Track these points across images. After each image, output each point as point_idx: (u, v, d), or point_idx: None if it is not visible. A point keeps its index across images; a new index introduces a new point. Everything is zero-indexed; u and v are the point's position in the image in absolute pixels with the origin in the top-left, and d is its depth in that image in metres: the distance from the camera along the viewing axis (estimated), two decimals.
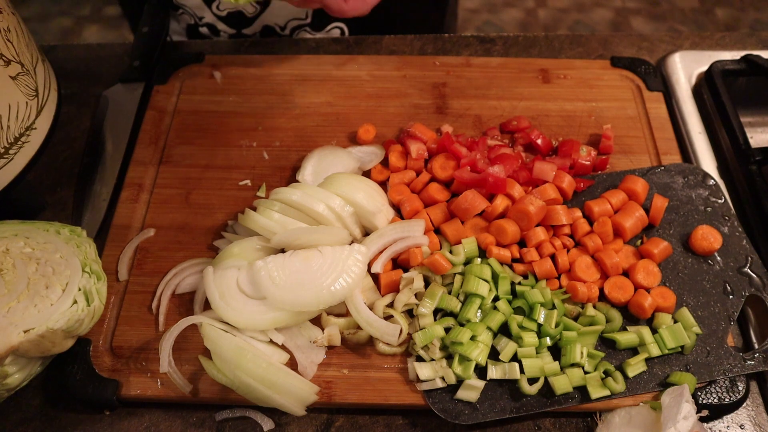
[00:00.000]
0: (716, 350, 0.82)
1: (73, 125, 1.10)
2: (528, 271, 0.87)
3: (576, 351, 0.78)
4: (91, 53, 1.21)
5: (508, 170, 0.92)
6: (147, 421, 0.80)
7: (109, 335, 0.85)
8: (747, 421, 0.80)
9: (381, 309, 0.83)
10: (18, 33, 0.86)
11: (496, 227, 0.88)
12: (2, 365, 0.73)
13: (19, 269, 0.78)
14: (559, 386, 0.77)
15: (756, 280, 0.88)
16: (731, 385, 0.80)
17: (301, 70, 1.14)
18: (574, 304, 0.85)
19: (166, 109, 1.09)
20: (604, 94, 1.11)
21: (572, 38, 1.22)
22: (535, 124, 1.06)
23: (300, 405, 0.77)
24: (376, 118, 1.07)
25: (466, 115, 1.08)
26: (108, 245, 0.93)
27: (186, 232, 0.94)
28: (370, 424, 0.80)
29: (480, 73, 1.14)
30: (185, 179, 1.00)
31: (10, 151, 0.84)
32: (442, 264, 0.84)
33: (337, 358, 0.82)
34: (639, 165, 1.01)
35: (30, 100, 0.86)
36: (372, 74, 1.13)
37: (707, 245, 0.89)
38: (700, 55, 1.16)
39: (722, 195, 0.96)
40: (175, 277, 0.89)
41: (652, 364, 0.81)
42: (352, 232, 0.90)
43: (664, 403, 0.74)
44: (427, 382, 0.79)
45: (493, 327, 0.81)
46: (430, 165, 0.96)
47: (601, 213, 0.91)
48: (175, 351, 0.81)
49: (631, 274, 0.86)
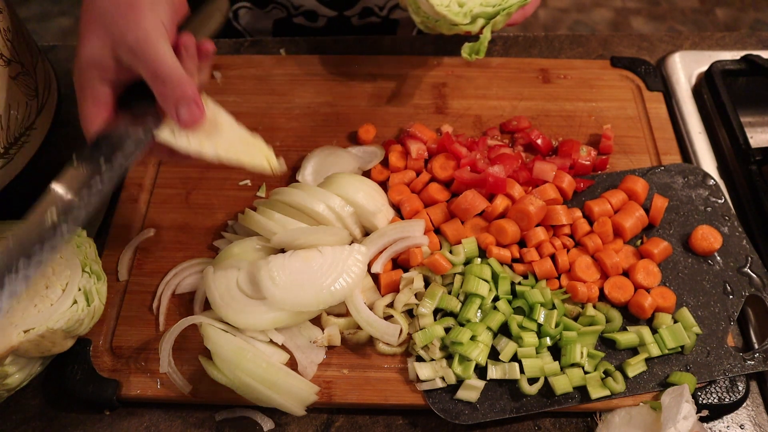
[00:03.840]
0: (716, 350, 0.82)
1: (73, 125, 1.10)
2: (528, 271, 0.87)
3: (576, 351, 0.78)
4: None
5: (508, 170, 0.92)
6: (147, 421, 0.80)
7: (109, 335, 0.85)
8: (747, 421, 0.80)
9: (381, 309, 0.83)
10: (18, 33, 0.86)
11: (496, 227, 0.88)
12: (2, 365, 0.73)
13: None
14: (559, 386, 0.77)
15: (756, 280, 0.88)
16: (731, 385, 0.80)
17: (301, 70, 1.14)
18: (574, 304, 0.85)
19: None
20: (604, 94, 1.11)
21: (572, 38, 1.22)
22: (535, 124, 1.06)
23: (300, 405, 0.77)
24: (376, 118, 1.07)
25: (466, 115, 1.08)
26: (108, 245, 0.93)
27: (186, 232, 0.94)
28: (370, 424, 0.80)
29: (480, 73, 1.14)
30: (185, 179, 1.00)
31: (10, 151, 0.84)
32: (442, 264, 0.84)
33: (337, 358, 0.82)
34: (639, 165, 1.01)
35: (30, 100, 0.86)
36: (372, 74, 1.13)
37: (707, 245, 0.89)
38: (700, 55, 1.16)
39: (722, 195, 0.96)
40: (175, 277, 0.89)
41: (652, 364, 0.81)
42: (352, 232, 0.90)
43: (664, 403, 0.74)
44: (427, 382, 0.79)
45: (493, 327, 0.81)
46: (430, 165, 0.96)
47: (601, 213, 0.91)
48: (175, 351, 0.81)
49: (631, 274, 0.86)
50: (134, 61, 0.66)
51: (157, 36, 0.66)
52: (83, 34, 0.68)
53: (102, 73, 0.68)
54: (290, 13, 1.26)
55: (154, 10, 0.67)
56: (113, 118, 0.70)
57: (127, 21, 0.66)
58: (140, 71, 0.66)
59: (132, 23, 0.65)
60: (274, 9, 1.25)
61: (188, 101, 0.67)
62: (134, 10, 0.66)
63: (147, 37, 0.65)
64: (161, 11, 0.68)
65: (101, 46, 0.67)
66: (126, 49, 0.66)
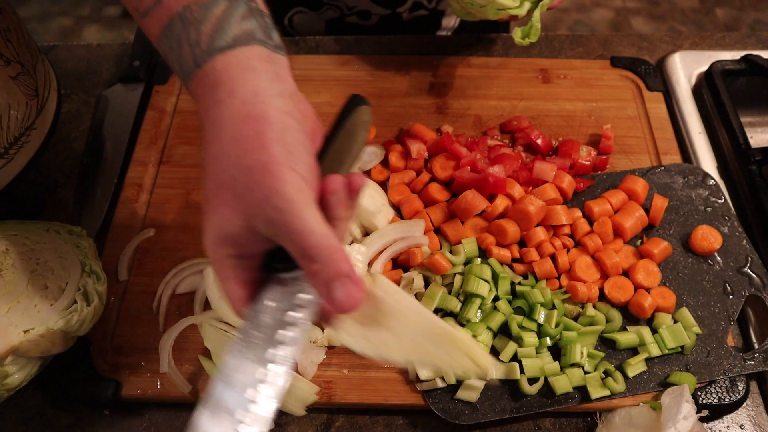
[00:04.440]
0: (716, 350, 0.82)
1: (73, 125, 1.10)
2: (528, 271, 0.87)
3: (576, 351, 0.78)
4: (91, 53, 1.21)
5: (508, 170, 0.92)
6: (147, 421, 0.80)
7: (109, 335, 0.85)
8: (747, 421, 0.80)
9: None
10: (18, 33, 0.86)
11: (496, 227, 0.88)
12: (2, 365, 0.73)
13: (19, 269, 0.78)
14: (559, 386, 0.77)
15: (756, 280, 0.88)
16: (731, 385, 0.80)
17: (301, 70, 1.14)
18: (574, 304, 0.85)
19: (166, 109, 1.09)
20: (604, 94, 1.11)
21: (572, 38, 1.22)
22: (535, 124, 1.06)
23: (300, 405, 0.77)
24: (376, 118, 1.07)
25: (466, 115, 1.08)
26: (108, 245, 0.93)
27: (186, 232, 0.94)
28: (370, 424, 0.80)
29: (480, 73, 1.14)
30: (185, 179, 1.00)
31: (10, 151, 0.84)
32: (442, 264, 0.84)
33: (337, 358, 0.82)
34: (639, 165, 1.01)
35: (30, 100, 0.86)
36: (372, 74, 1.13)
37: (707, 245, 0.89)
38: (700, 55, 1.16)
39: (722, 195, 0.96)
40: (175, 277, 0.89)
41: (652, 364, 0.81)
42: (352, 232, 0.90)
43: (664, 403, 0.74)
44: (427, 382, 0.79)
45: (493, 327, 0.81)
46: (430, 165, 0.96)
47: (601, 213, 0.91)
48: (175, 351, 0.81)
49: (631, 274, 0.86)
50: (276, 235, 0.53)
51: (301, 202, 0.51)
52: (211, 204, 0.55)
53: (239, 249, 0.55)
54: (343, 13, 1.25)
55: (292, 168, 0.52)
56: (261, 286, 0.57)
57: (263, 189, 0.51)
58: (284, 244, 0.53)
59: (270, 191, 0.51)
60: (328, 10, 1.25)
61: (343, 279, 0.52)
62: (270, 175, 0.51)
63: (289, 207, 0.51)
64: (298, 164, 0.52)
65: (234, 219, 0.54)
66: (265, 222, 0.52)
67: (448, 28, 1.34)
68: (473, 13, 0.96)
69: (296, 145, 0.53)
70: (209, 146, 0.55)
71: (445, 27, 1.33)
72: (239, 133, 0.53)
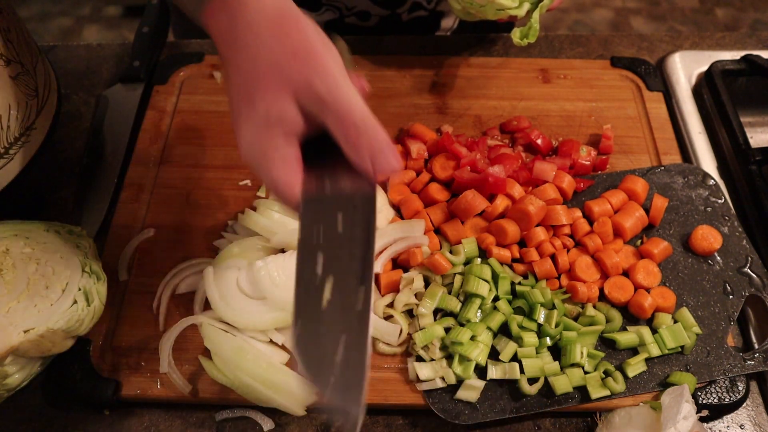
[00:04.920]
0: (716, 350, 0.82)
1: (73, 125, 1.10)
2: (528, 271, 0.87)
3: (576, 351, 0.78)
4: (91, 53, 1.21)
5: (508, 170, 0.92)
6: (147, 421, 0.80)
7: (109, 335, 0.85)
8: (747, 421, 0.80)
9: (381, 309, 0.83)
10: (18, 33, 0.86)
11: (496, 227, 0.88)
12: (2, 365, 0.73)
13: (19, 269, 0.78)
14: (559, 386, 0.77)
15: (756, 280, 0.88)
16: (731, 385, 0.80)
17: None
18: (574, 304, 0.85)
19: (166, 109, 1.09)
20: (604, 94, 1.11)
21: (572, 38, 1.22)
22: (535, 124, 1.06)
23: (300, 405, 0.77)
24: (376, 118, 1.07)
25: (466, 115, 1.08)
26: (108, 245, 0.93)
27: (186, 232, 0.94)
28: (370, 424, 0.80)
29: (480, 73, 1.14)
30: (185, 179, 1.00)
31: (10, 151, 0.84)
32: (442, 264, 0.84)
33: None
34: (639, 165, 1.01)
35: (30, 100, 0.86)
36: (372, 74, 1.13)
37: (707, 245, 0.89)
38: (700, 55, 1.16)
39: (722, 195, 0.96)
40: (175, 277, 0.89)
41: (652, 364, 0.81)
42: None
43: (664, 403, 0.74)
44: (427, 382, 0.79)
45: (493, 327, 0.81)
46: (430, 165, 0.96)
47: (601, 213, 0.91)
48: (175, 351, 0.81)
49: (631, 274, 0.86)
50: (323, 112, 0.58)
51: (345, 82, 0.58)
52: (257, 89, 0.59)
53: (287, 129, 0.59)
54: (342, 14, 1.26)
55: (332, 55, 0.59)
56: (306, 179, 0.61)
57: (311, 69, 0.57)
58: (328, 121, 0.59)
59: (317, 71, 0.57)
60: (327, 11, 1.25)
61: (384, 149, 0.60)
62: (316, 56, 0.58)
63: (336, 84, 0.57)
64: (335, 53, 0.60)
65: (282, 100, 0.58)
66: (314, 100, 0.58)
67: (447, 29, 1.34)
68: (473, 13, 0.96)
69: (325, 38, 0.61)
70: (243, 49, 0.60)
71: (444, 28, 1.33)
72: (278, 24, 0.59)
